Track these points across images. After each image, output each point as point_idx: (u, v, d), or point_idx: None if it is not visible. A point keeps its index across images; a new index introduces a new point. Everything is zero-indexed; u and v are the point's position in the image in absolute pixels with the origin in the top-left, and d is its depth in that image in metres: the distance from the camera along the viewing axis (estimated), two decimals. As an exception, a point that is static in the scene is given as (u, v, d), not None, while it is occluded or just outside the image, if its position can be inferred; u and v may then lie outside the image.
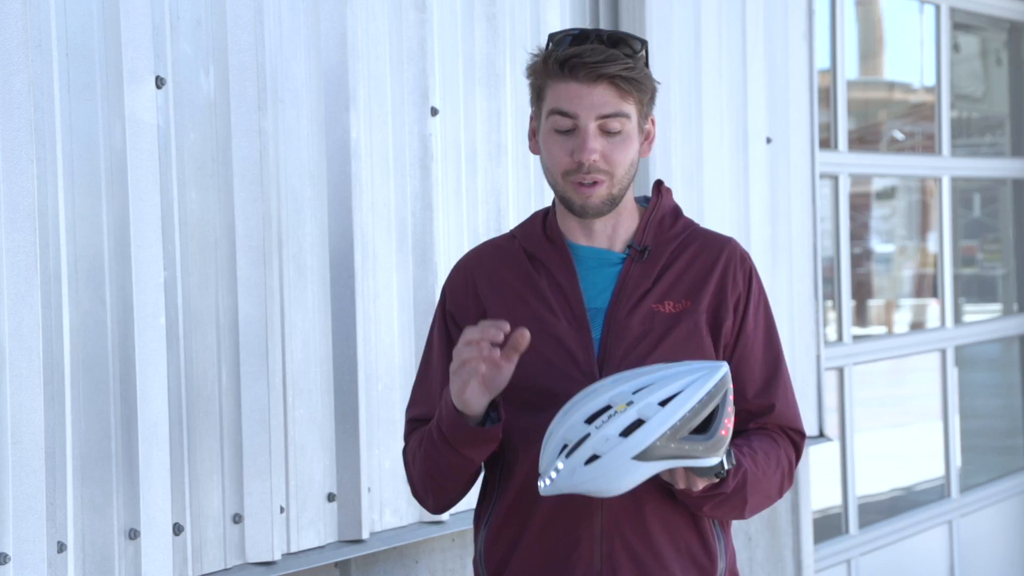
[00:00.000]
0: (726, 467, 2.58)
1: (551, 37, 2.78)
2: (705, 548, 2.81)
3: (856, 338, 6.93)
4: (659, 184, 2.92)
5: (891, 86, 7.93)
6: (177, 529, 3.39)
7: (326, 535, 3.77)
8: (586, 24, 4.88)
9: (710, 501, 2.72)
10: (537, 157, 2.84)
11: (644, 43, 2.79)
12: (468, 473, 2.79)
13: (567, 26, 4.58)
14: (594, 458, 2.52)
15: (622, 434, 2.51)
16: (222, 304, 3.52)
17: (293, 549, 3.69)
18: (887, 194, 7.97)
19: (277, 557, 3.58)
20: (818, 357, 5.65)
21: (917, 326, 7.93)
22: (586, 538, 2.75)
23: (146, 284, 3.30)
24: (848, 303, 6.71)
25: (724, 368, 2.55)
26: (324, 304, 3.76)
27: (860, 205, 7.59)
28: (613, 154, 2.74)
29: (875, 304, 7.78)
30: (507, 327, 2.61)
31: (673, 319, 2.79)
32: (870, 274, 7.73)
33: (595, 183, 2.74)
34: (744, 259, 2.88)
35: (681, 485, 2.63)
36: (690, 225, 2.90)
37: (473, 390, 2.64)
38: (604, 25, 4.92)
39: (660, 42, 4.93)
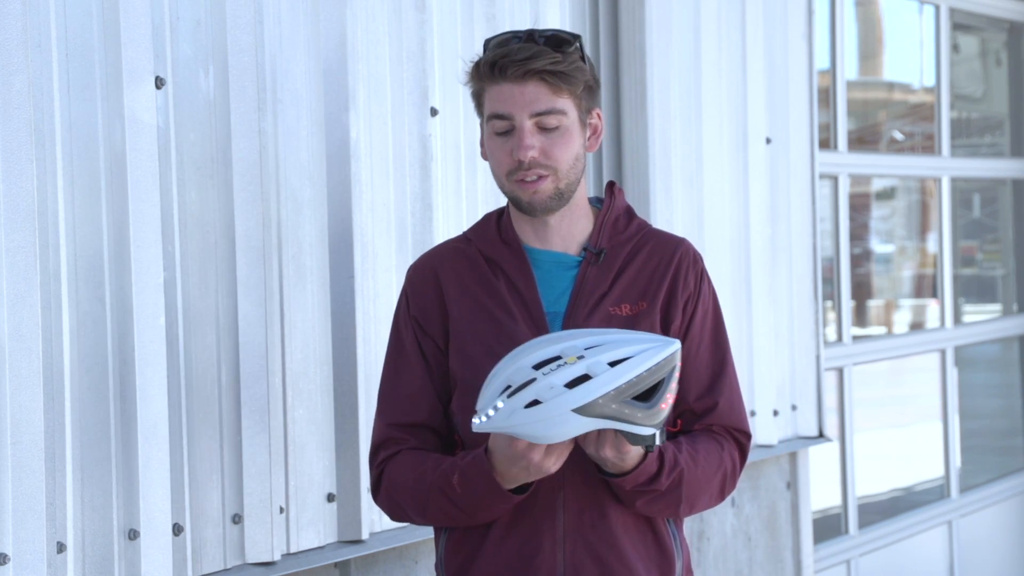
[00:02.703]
0: (657, 442, 2.60)
1: (486, 43, 2.80)
2: (663, 548, 2.82)
3: (856, 338, 6.93)
4: (611, 185, 2.93)
5: (891, 86, 7.93)
6: (177, 529, 3.39)
7: (326, 535, 3.77)
8: (586, 25, 4.88)
9: (644, 496, 2.73)
10: None
11: (576, 38, 2.79)
12: (488, 520, 2.80)
13: (566, 27, 4.58)
14: (535, 403, 2.55)
15: (567, 385, 2.54)
16: (222, 304, 3.51)
17: (293, 549, 3.68)
18: (887, 194, 7.96)
19: (277, 557, 3.58)
20: (818, 357, 5.65)
21: (917, 326, 7.93)
22: (548, 541, 2.76)
23: (146, 284, 3.30)
24: (848, 303, 6.71)
25: (676, 345, 2.59)
26: (324, 304, 3.76)
27: (860, 205, 7.59)
28: (552, 150, 2.74)
29: (875, 304, 7.78)
30: None
31: (630, 321, 2.80)
32: (870, 274, 7.73)
33: (539, 178, 2.75)
34: (696, 260, 2.88)
35: (608, 453, 2.63)
36: (644, 226, 2.91)
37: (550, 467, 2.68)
38: (605, 27, 4.93)
39: (660, 42, 4.93)
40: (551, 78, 2.72)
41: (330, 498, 3.77)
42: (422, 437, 2.84)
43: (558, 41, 2.76)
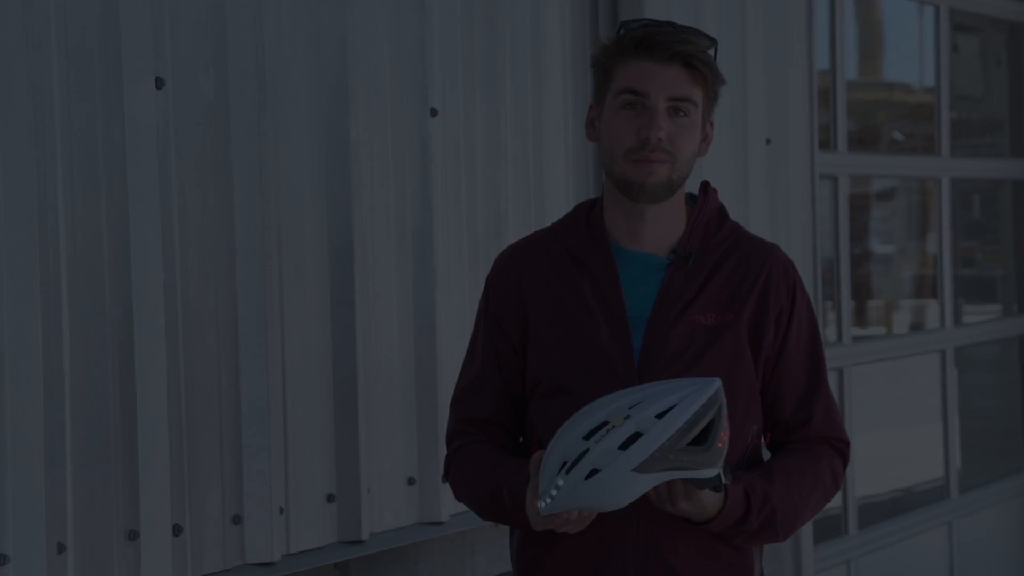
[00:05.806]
0: (723, 480, 2.57)
1: (624, 24, 2.76)
2: (742, 555, 2.79)
3: (856, 339, 6.93)
4: (706, 185, 2.88)
5: (891, 87, 7.93)
6: (176, 530, 3.39)
7: (326, 536, 3.77)
8: (586, 26, 4.88)
9: (739, 536, 2.72)
10: (538, 158, 2.84)
11: (714, 41, 2.77)
12: None
13: (566, 27, 4.59)
14: (594, 472, 2.51)
15: (621, 447, 2.50)
16: (222, 304, 3.51)
17: (293, 550, 3.69)
18: (887, 195, 7.96)
19: (276, 558, 3.58)
20: (818, 358, 5.64)
21: (917, 327, 7.93)
22: (620, 547, 2.72)
23: (146, 284, 3.30)
24: (848, 304, 6.71)
25: (717, 383, 2.54)
26: (324, 304, 3.76)
27: (860, 206, 7.59)
28: (678, 138, 2.71)
29: (875, 305, 7.77)
30: None
31: (715, 332, 2.74)
32: (870, 275, 7.72)
33: (658, 162, 2.71)
34: (787, 270, 2.81)
35: (682, 505, 2.60)
36: (735, 229, 2.84)
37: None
38: (605, 27, 4.92)
39: (660, 43, 4.93)
40: (697, 63, 2.70)
41: (330, 499, 3.77)
42: (490, 432, 2.82)
43: (702, 36, 2.74)
